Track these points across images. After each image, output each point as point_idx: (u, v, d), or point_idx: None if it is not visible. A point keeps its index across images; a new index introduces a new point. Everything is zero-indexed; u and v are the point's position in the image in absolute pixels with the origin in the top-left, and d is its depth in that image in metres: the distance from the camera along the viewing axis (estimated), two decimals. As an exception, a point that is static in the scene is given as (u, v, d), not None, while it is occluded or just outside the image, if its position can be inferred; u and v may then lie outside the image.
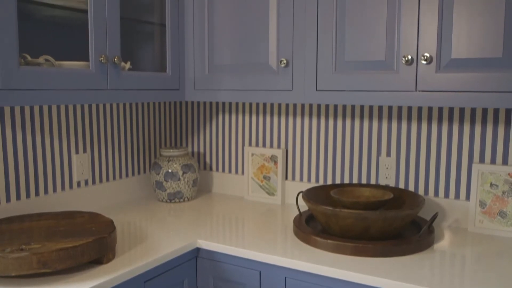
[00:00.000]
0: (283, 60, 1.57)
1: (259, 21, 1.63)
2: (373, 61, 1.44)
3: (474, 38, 1.29)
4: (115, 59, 1.49)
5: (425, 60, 1.34)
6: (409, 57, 1.37)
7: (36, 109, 1.65)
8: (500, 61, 1.27)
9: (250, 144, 2.09)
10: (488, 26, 1.27)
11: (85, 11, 1.44)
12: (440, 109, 1.67)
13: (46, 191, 1.70)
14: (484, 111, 1.60)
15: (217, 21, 1.72)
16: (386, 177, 1.79)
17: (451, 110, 1.66)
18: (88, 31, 1.44)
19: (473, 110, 1.62)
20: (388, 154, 1.78)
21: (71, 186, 1.79)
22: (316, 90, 1.54)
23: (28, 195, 1.64)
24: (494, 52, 1.27)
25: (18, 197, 1.61)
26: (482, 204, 1.59)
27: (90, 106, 1.85)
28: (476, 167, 1.60)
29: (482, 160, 1.62)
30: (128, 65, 1.64)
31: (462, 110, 1.64)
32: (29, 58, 1.42)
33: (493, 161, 1.60)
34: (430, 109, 1.69)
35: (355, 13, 1.45)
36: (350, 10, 1.46)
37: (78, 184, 1.82)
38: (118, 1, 1.51)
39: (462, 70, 1.32)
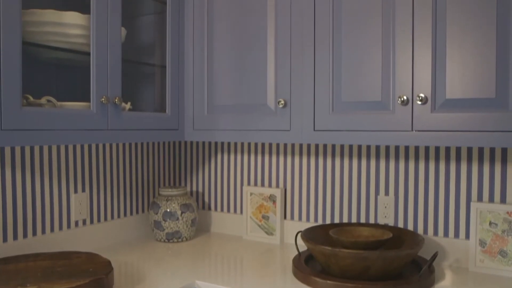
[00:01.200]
0: (281, 101, 1.60)
1: (258, 62, 1.67)
2: (369, 102, 1.47)
3: (467, 79, 1.32)
4: (116, 100, 1.51)
5: (420, 100, 1.37)
6: (405, 97, 1.39)
7: (36, 149, 1.67)
8: (494, 101, 1.29)
9: (249, 184, 2.10)
10: (481, 68, 1.30)
11: (88, 53, 1.48)
12: (437, 148, 1.69)
13: (43, 231, 1.69)
14: (481, 150, 1.62)
15: (216, 62, 1.76)
16: (385, 216, 1.78)
17: (447, 149, 1.68)
18: (90, 72, 1.47)
19: (470, 149, 1.64)
20: (387, 193, 1.79)
21: (68, 226, 1.78)
22: (314, 130, 1.56)
23: (25, 235, 1.63)
24: (487, 93, 1.30)
25: (15, 236, 1.60)
26: (482, 243, 1.58)
27: (89, 146, 1.86)
28: (474, 205, 1.60)
29: (480, 198, 1.63)
30: (128, 106, 1.67)
31: (458, 149, 1.66)
32: (31, 98, 1.45)
33: (491, 199, 1.61)
34: (427, 148, 1.71)
35: (351, 55, 1.49)
36: (345, 52, 1.50)
37: (76, 223, 1.81)
38: (120, 44, 1.55)
39: (457, 110, 1.34)
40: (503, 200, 1.59)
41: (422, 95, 1.37)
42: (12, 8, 1.23)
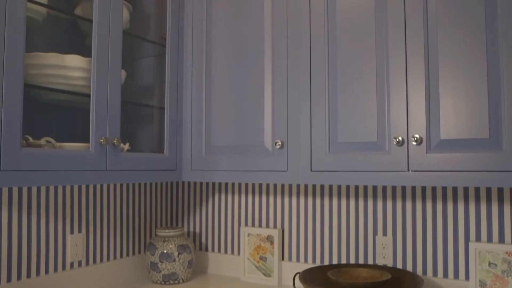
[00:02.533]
0: (278, 142, 1.61)
1: (255, 104, 1.69)
2: (365, 142, 1.49)
3: (460, 120, 1.35)
4: (115, 141, 1.53)
5: (416, 141, 1.39)
6: (400, 138, 1.41)
7: (34, 188, 1.67)
8: (487, 141, 1.31)
9: (246, 224, 2.09)
10: (473, 109, 1.33)
11: (88, 95, 1.50)
12: (434, 188, 1.70)
13: (38, 273, 1.67)
14: (477, 189, 1.63)
15: (215, 103, 1.79)
16: (384, 257, 1.77)
17: (444, 189, 1.68)
18: (90, 114, 1.49)
19: (466, 189, 1.65)
20: (385, 234, 1.78)
21: (64, 267, 1.76)
22: (311, 170, 1.57)
23: (19, 276, 1.61)
24: (481, 133, 1.32)
25: (8, 279, 1.58)
26: (482, 284, 1.57)
27: (87, 186, 1.86)
28: (473, 245, 1.59)
29: (478, 238, 1.62)
30: (127, 146, 1.68)
31: (455, 189, 1.67)
32: (31, 139, 1.46)
33: (489, 239, 1.60)
34: (423, 188, 1.72)
35: (347, 96, 1.52)
36: (341, 93, 1.53)
37: (72, 265, 1.79)
38: (120, 86, 1.57)
39: (452, 151, 1.36)
40: (501, 240, 1.59)
41: (417, 135, 1.39)
42: (16, 51, 1.26)
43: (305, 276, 1.60)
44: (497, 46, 1.31)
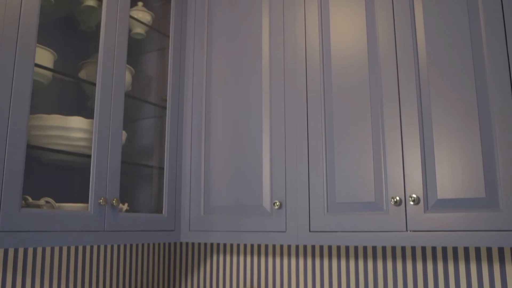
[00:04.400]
0: (276, 202, 1.62)
1: (253, 164, 1.72)
2: (363, 202, 1.49)
3: (456, 180, 1.36)
4: (114, 201, 1.53)
5: (413, 201, 1.40)
6: (397, 198, 1.42)
7: (30, 250, 1.65)
8: (484, 201, 1.32)
9: (245, 285, 2.05)
10: (468, 169, 1.35)
11: (89, 156, 1.53)
12: (434, 248, 1.69)
13: None
14: (477, 249, 1.62)
15: (213, 164, 1.81)
16: (385, 321, 1.73)
17: (444, 248, 1.67)
18: (90, 174, 1.50)
19: (467, 249, 1.64)
20: (386, 296, 1.75)
21: (57, 333, 1.71)
22: (310, 231, 1.57)
23: None
24: (477, 193, 1.33)
25: None
26: None
27: (83, 246, 1.85)
28: (475, 308, 1.56)
29: (481, 301, 1.59)
30: (125, 207, 1.68)
31: (455, 249, 1.65)
32: (30, 200, 1.47)
33: (492, 302, 1.58)
34: (423, 248, 1.70)
35: (343, 157, 1.54)
36: (338, 154, 1.55)
37: (65, 330, 1.74)
38: (121, 147, 1.60)
39: (450, 210, 1.37)
40: (504, 302, 1.56)
41: (414, 195, 1.40)
42: (21, 114, 1.29)
43: None
44: (488, 109, 1.35)
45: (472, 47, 1.40)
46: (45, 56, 1.51)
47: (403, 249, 1.74)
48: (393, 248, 1.76)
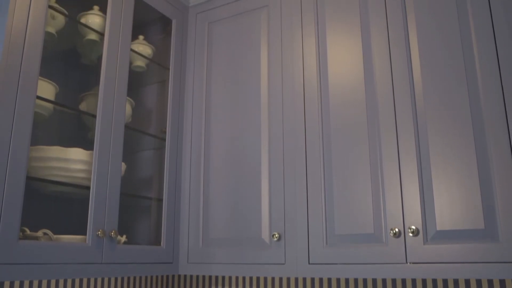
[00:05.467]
0: (275, 234, 1.61)
1: (252, 196, 1.72)
2: (362, 234, 1.49)
3: (455, 211, 1.36)
4: (112, 233, 1.52)
5: (412, 232, 1.39)
6: (397, 229, 1.42)
7: (26, 283, 1.63)
8: (484, 232, 1.32)
9: (243, 320, 2.02)
10: (467, 200, 1.35)
11: (88, 187, 1.53)
12: (434, 280, 1.67)
13: None
14: (478, 281, 1.60)
15: (212, 196, 1.81)
16: None
17: (445, 280, 1.65)
18: (89, 205, 1.50)
19: (467, 281, 1.62)
20: (387, 330, 1.72)
21: None
22: (309, 263, 1.55)
23: None
24: (476, 224, 1.33)
25: None
26: None
27: (80, 279, 1.82)
28: None
29: (483, 335, 1.57)
30: (124, 239, 1.67)
31: (456, 281, 1.64)
32: (28, 231, 1.46)
33: (494, 336, 1.55)
34: (424, 280, 1.69)
35: (342, 189, 1.55)
36: (337, 186, 1.56)
37: None
38: (120, 179, 1.60)
39: (449, 242, 1.36)
40: (507, 336, 1.53)
41: (413, 227, 1.40)
42: (21, 146, 1.30)
43: None
44: (485, 140, 1.36)
45: (467, 79, 1.42)
46: (46, 89, 1.53)
47: (404, 281, 1.72)
48: (393, 280, 1.74)
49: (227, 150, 1.82)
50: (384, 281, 1.75)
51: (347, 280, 1.82)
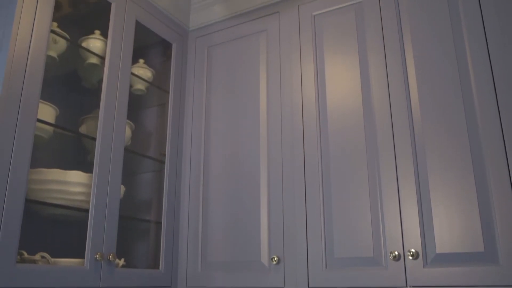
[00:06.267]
0: (274, 258, 1.61)
1: (251, 220, 1.71)
2: (362, 258, 1.48)
3: (455, 234, 1.36)
4: (110, 257, 1.51)
5: (412, 255, 1.39)
6: (396, 253, 1.41)
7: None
8: (483, 255, 1.31)
9: None
10: (466, 223, 1.35)
11: (86, 210, 1.52)
12: (434, 305, 1.65)
13: None
14: (478, 307, 1.59)
15: (211, 219, 1.80)
16: None
17: (445, 306, 1.64)
18: (87, 229, 1.49)
19: (467, 306, 1.61)
20: None
21: None
22: (308, 287, 1.54)
23: None
24: (476, 247, 1.33)
25: None
26: None
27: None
28: None
29: None
30: (122, 262, 1.66)
31: (456, 306, 1.62)
32: (25, 255, 1.45)
33: None
34: (424, 305, 1.67)
35: (341, 213, 1.55)
36: (336, 210, 1.56)
37: None
38: (119, 201, 1.60)
39: (449, 265, 1.36)
40: None
41: (413, 250, 1.39)
42: (21, 168, 1.30)
43: None
44: (483, 162, 1.37)
45: (463, 102, 1.43)
46: (47, 112, 1.54)
47: (404, 305, 1.70)
48: (394, 305, 1.72)
49: (226, 173, 1.82)
50: (384, 305, 1.73)
51: (347, 304, 1.80)
